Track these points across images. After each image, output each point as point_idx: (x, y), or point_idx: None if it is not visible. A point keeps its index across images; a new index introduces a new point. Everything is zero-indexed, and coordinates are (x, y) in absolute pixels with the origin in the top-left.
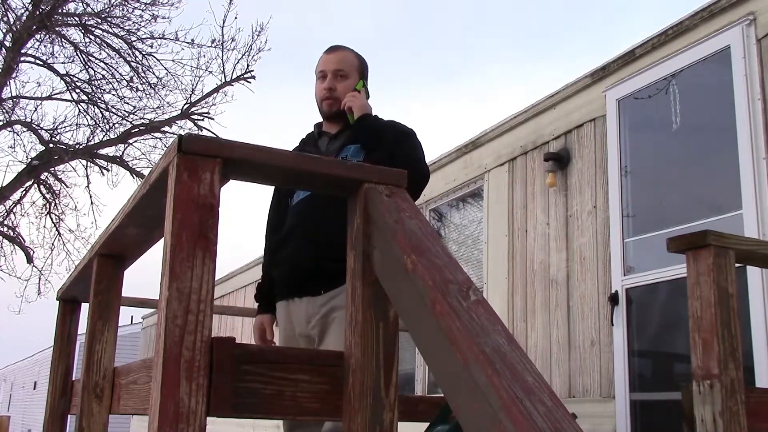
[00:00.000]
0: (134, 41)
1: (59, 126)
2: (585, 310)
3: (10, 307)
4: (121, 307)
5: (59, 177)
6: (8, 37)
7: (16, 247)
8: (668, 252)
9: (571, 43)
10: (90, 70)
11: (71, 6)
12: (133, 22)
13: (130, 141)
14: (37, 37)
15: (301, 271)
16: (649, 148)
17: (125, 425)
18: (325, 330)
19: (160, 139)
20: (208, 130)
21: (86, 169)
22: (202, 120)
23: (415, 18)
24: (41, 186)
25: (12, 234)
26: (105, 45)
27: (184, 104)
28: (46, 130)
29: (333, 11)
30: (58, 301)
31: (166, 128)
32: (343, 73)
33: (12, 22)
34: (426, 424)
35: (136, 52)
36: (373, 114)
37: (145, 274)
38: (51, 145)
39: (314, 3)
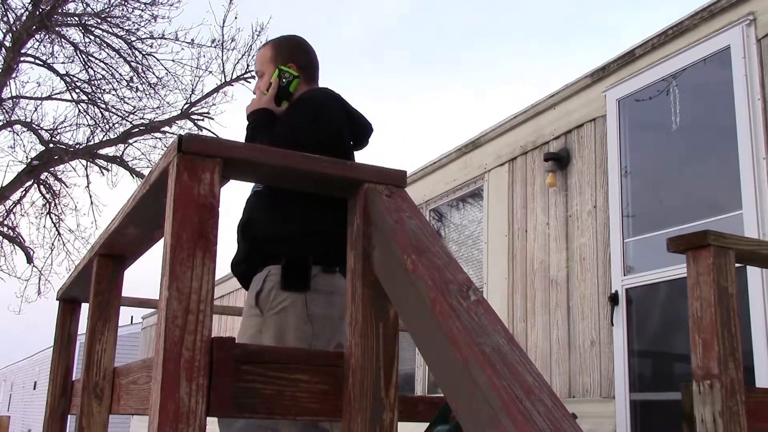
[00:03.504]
0: (134, 41)
1: (59, 126)
2: (585, 310)
3: (10, 307)
4: (121, 307)
5: (59, 177)
6: (8, 37)
7: (16, 247)
8: (668, 252)
9: (577, 43)
10: (90, 70)
11: (71, 6)
12: (133, 22)
13: (130, 141)
14: (37, 37)
15: (238, 274)
16: (649, 148)
17: (125, 425)
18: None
19: (160, 139)
20: (208, 130)
21: (86, 169)
22: (202, 120)
23: (416, 17)
24: (41, 186)
25: (12, 234)
26: (105, 45)
27: (184, 104)
28: (46, 130)
29: (334, 10)
30: (58, 301)
31: (166, 128)
32: (260, 72)
33: (12, 22)
34: (426, 424)
35: (136, 52)
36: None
37: (145, 274)
38: (51, 145)
39: (315, 2)
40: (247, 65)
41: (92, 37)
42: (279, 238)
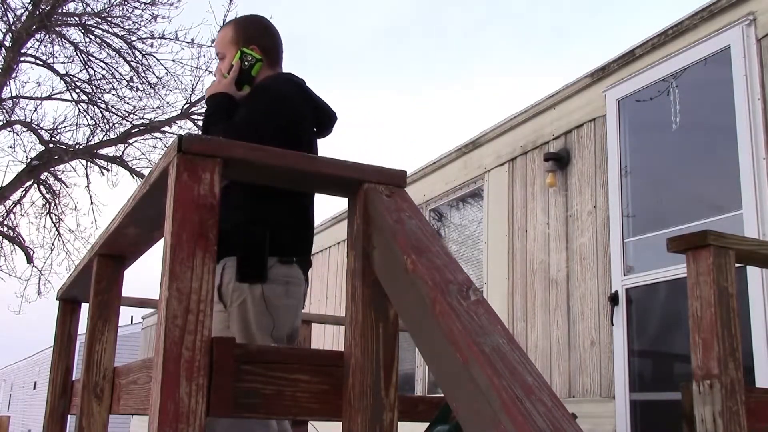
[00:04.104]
0: (134, 41)
1: (59, 126)
2: (585, 310)
3: (10, 307)
4: (121, 307)
5: (59, 177)
6: (8, 37)
7: (16, 247)
8: (668, 252)
9: (578, 44)
10: (90, 70)
11: (71, 6)
12: (133, 22)
13: (130, 141)
14: (37, 37)
15: None
16: (649, 148)
17: (125, 425)
18: None
19: (160, 139)
20: None
21: (86, 169)
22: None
23: (416, 17)
24: (41, 186)
25: (12, 234)
26: (105, 45)
27: (184, 104)
28: (46, 130)
29: (335, 8)
30: (58, 301)
31: (166, 128)
32: (221, 54)
33: (12, 22)
34: (426, 424)
35: (136, 52)
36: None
37: (145, 274)
38: (51, 145)
39: (315, 2)
40: None
41: (92, 37)
42: (233, 230)
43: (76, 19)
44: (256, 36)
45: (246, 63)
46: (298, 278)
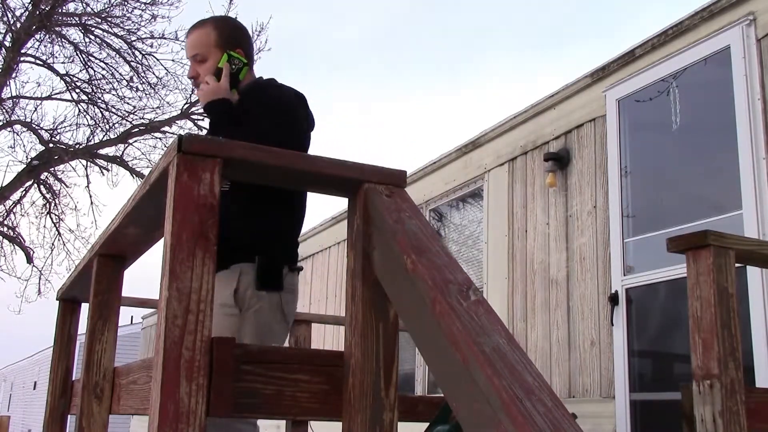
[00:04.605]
0: (134, 41)
1: (59, 126)
2: (585, 310)
3: (10, 307)
4: (121, 307)
5: (59, 177)
6: (8, 37)
7: (16, 247)
8: (668, 252)
9: (578, 45)
10: (90, 70)
11: (71, 6)
12: (133, 22)
13: (130, 141)
14: (37, 37)
15: None
16: (649, 148)
17: (125, 425)
18: None
19: (160, 139)
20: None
21: (86, 169)
22: (203, 120)
23: (416, 17)
24: (41, 186)
25: (12, 234)
26: (105, 45)
27: (184, 104)
28: (46, 130)
29: (335, 9)
30: (58, 301)
31: (166, 128)
32: (200, 56)
33: (12, 22)
34: (426, 424)
35: (136, 52)
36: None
37: (145, 274)
38: (51, 145)
39: (314, 2)
40: None
41: (92, 37)
42: (251, 237)
43: (76, 19)
44: (239, 39)
45: (234, 67)
46: (297, 285)
